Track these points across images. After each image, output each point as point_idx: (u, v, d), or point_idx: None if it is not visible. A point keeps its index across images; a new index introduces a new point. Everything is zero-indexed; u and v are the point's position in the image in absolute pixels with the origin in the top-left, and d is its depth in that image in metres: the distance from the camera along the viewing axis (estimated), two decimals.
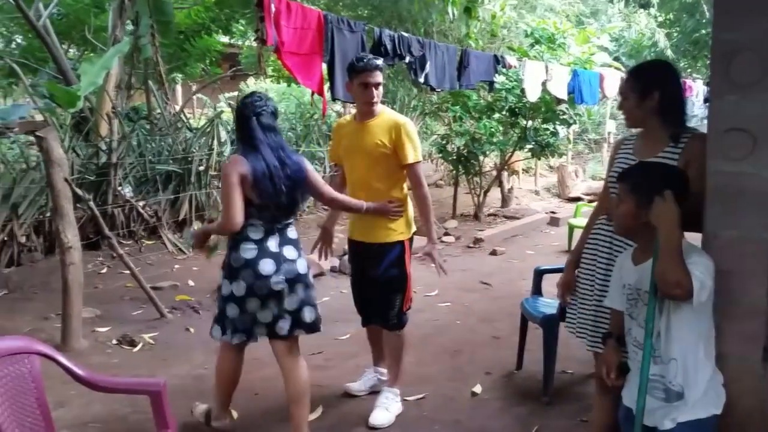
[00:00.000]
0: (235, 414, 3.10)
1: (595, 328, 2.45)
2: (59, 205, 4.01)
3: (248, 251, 2.64)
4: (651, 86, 2.25)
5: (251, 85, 14.24)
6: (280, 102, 12.34)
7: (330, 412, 3.19)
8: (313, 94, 5.02)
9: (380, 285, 3.07)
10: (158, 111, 8.53)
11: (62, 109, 6.31)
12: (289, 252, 2.73)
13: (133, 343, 4.17)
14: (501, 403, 3.33)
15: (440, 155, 9.34)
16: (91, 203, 4.58)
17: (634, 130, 2.49)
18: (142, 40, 7.18)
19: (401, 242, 3.05)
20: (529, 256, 6.88)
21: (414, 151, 3.01)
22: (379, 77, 2.98)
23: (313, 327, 2.81)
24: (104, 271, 5.90)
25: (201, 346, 4.10)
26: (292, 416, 2.77)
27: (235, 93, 12.92)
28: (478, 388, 3.46)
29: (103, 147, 6.85)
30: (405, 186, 3.14)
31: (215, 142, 7.45)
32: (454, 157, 8.62)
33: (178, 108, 9.42)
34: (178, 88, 13.44)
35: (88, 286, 4.77)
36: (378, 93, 2.99)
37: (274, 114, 2.78)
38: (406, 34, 5.85)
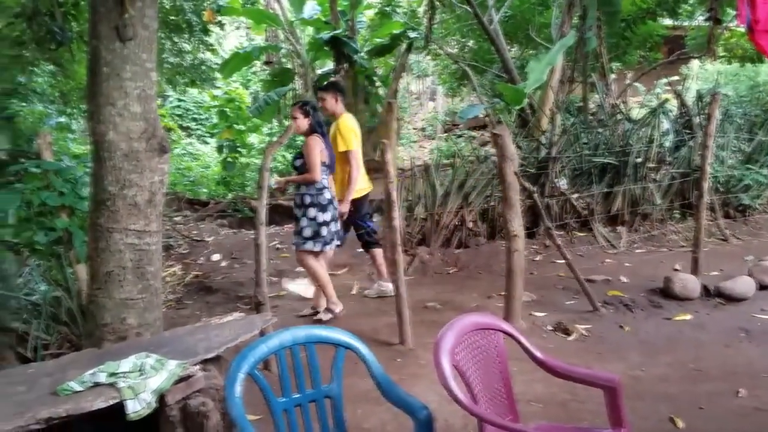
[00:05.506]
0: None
1: None
2: (508, 196, 4.32)
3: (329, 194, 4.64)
4: None
5: (694, 68, 13.01)
6: (728, 84, 10.93)
7: None
8: None
9: None
10: (597, 103, 8.53)
11: (509, 107, 6.90)
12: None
13: (567, 332, 4.27)
14: None
15: None
16: (536, 195, 4.86)
17: None
18: (588, 33, 7.26)
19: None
20: None
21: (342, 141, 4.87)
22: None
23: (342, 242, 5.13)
24: (538, 259, 6.23)
25: (637, 347, 3.97)
26: None
27: (675, 78, 11.99)
28: None
29: (543, 141, 7.22)
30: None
31: (656, 132, 7.05)
32: None
33: (615, 98, 9.25)
34: (612, 77, 13.21)
35: (525, 272, 5.08)
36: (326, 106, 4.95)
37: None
38: None
